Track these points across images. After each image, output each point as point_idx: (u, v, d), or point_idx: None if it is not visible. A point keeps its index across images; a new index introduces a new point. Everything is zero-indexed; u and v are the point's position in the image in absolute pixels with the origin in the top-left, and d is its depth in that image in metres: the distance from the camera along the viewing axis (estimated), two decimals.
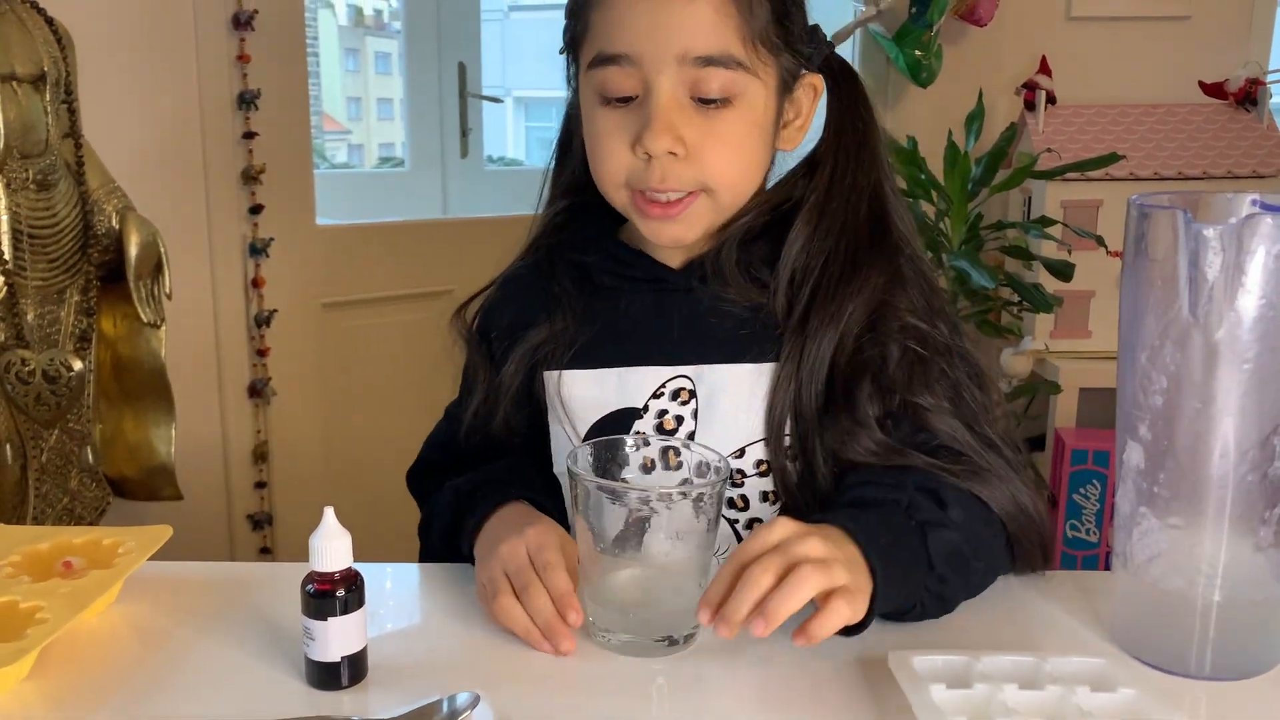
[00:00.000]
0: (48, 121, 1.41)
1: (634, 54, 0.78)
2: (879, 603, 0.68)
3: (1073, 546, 2.51)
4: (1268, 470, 0.64)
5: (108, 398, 1.57)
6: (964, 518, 0.74)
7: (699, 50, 0.77)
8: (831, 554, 0.66)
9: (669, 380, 0.85)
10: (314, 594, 0.68)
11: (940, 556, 0.72)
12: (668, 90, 0.78)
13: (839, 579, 0.65)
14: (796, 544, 0.66)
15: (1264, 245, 0.60)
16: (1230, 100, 2.78)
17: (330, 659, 0.67)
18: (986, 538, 0.76)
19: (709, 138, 0.80)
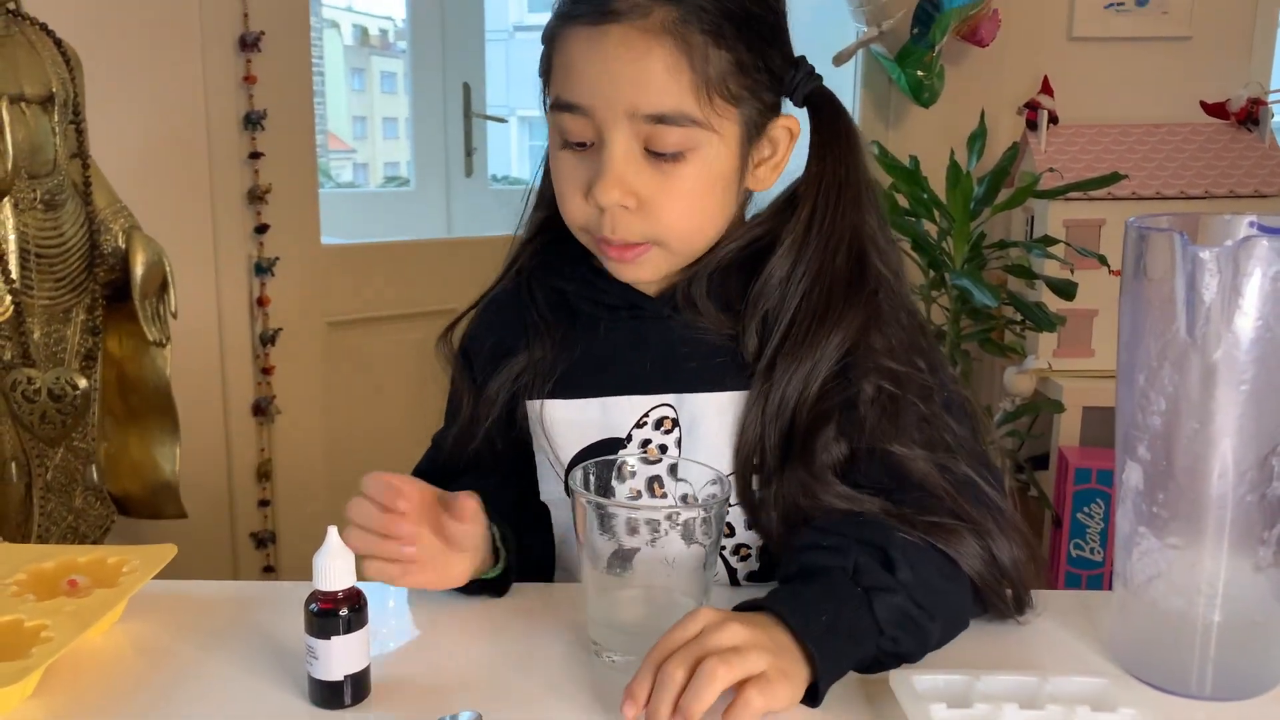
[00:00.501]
0: (55, 142, 1.42)
1: (586, 105, 0.78)
2: (824, 680, 0.65)
3: (1077, 566, 2.51)
4: (1266, 490, 0.64)
5: (113, 416, 1.58)
6: (914, 579, 0.70)
7: (649, 108, 0.76)
8: (749, 640, 0.63)
9: (652, 409, 0.85)
10: (317, 613, 0.68)
11: (889, 622, 0.68)
12: (620, 144, 0.77)
13: (754, 666, 0.62)
14: (712, 634, 0.63)
15: (1260, 267, 0.61)
16: (1232, 120, 2.79)
17: (333, 678, 0.67)
18: (945, 593, 0.72)
19: (661, 192, 0.79)
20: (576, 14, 0.78)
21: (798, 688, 0.64)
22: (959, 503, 0.75)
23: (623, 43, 0.76)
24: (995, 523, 0.76)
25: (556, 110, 0.80)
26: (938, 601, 0.71)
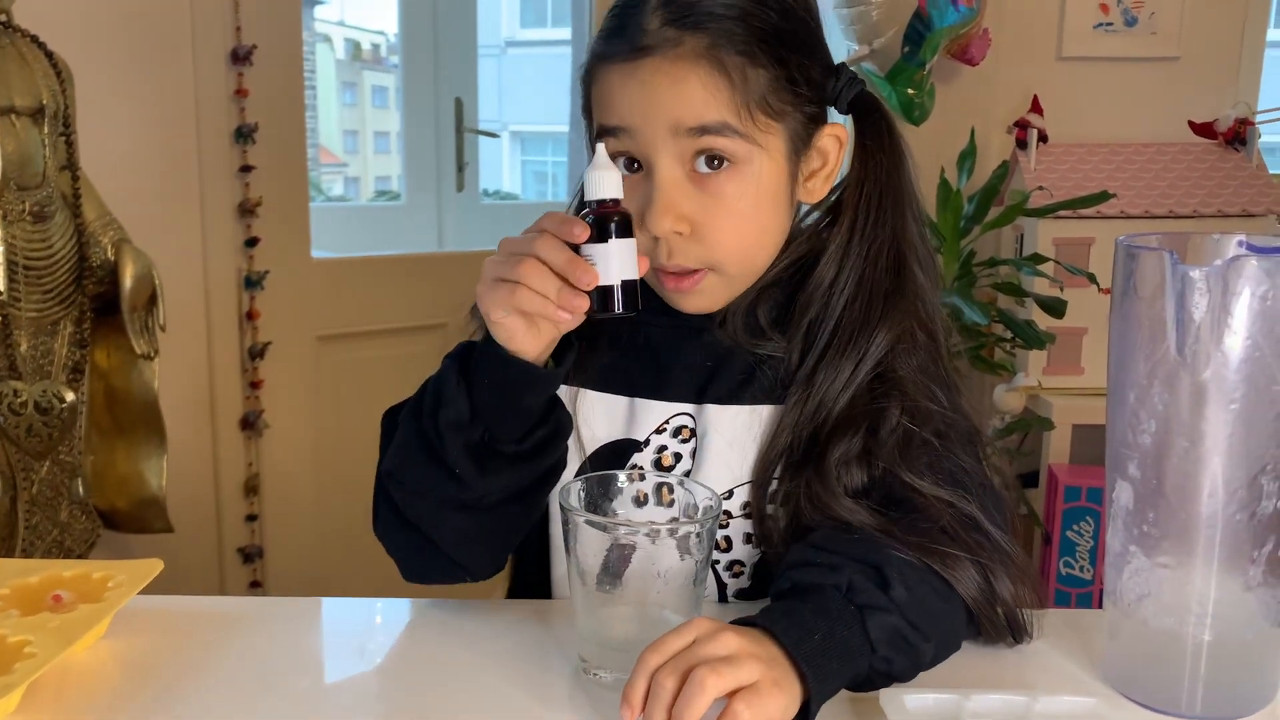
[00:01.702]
0: (45, 154, 1.42)
1: (628, 125, 0.78)
2: (816, 699, 0.65)
3: (1066, 584, 2.51)
4: (1256, 509, 0.64)
5: (100, 429, 1.57)
6: (908, 598, 0.69)
7: (691, 120, 0.77)
8: (742, 650, 0.63)
9: (672, 417, 0.85)
10: (594, 221, 0.71)
11: (882, 641, 0.67)
12: (666, 166, 0.78)
13: (746, 677, 0.62)
14: (705, 644, 0.63)
15: (1249, 286, 0.61)
16: (1220, 140, 2.81)
17: (610, 281, 0.71)
18: (939, 615, 0.72)
19: (712, 213, 0.79)
20: (610, 53, 0.79)
21: (790, 702, 0.64)
22: (960, 536, 0.75)
23: (658, 71, 0.77)
24: (998, 559, 0.75)
25: (602, 136, 0.80)
26: (932, 622, 0.70)
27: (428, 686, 0.72)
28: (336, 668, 0.78)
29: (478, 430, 0.76)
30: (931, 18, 2.63)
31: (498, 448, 0.77)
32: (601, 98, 0.81)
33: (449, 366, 0.78)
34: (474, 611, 0.82)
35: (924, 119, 2.79)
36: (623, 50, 0.78)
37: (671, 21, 0.76)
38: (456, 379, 0.76)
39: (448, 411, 0.76)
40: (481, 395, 0.76)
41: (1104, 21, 2.94)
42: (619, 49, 0.78)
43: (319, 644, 0.83)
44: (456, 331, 0.96)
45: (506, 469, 0.77)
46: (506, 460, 0.77)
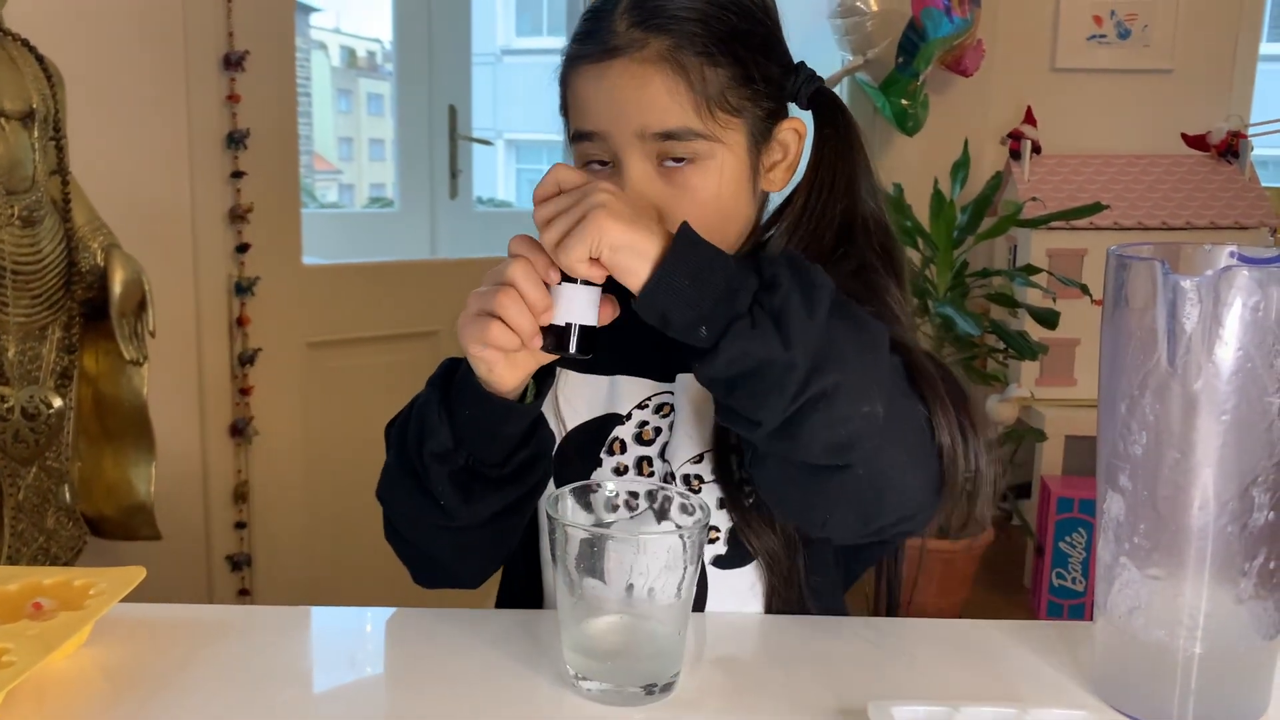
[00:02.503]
0: (35, 158, 1.41)
1: (600, 130, 0.83)
2: (673, 269, 0.68)
3: (1059, 595, 2.50)
4: (1247, 521, 0.64)
5: (88, 436, 1.56)
6: (834, 291, 0.69)
7: (656, 127, 0.81)
8: (609, 206, 0.69)
9: (654, 395, 0.88)
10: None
11: (780, 265, 0.69)
12: (635, 164, 0.82)
13: (591, 202, 0.69)
14: (588, 200, 0.69)
15: (1240, 297, 0.60)
16: (1212, 152, 2.82)
17: (569, 320, 0.73)
18: (868, 322, 0.71)
19: (678, 202, 0.82)
20: (582, 55, 0.84)
21: (640, 240, 0.69)
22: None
23: (625, 73, 0.81)
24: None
25: (577, 140, 0.85)
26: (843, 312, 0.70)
27: (416, 696, 0.72)
28: (324, 677, 0.77)
29: (461, 457, 0.79)
30: (926, 29, 2.64)
31: (481, 471, 0.80)
32: (575, 101, 0.85)
33: (430, 397, 0.81)
34: (462, 621, 0.82)
35: (918, 129, 2.79)
36: (593, 52, 0.82)
37: (637, 24, 0.81)
38: (438, 410, 0.79)
39: (431, 443, 0.79)
40: (462, 425, 0.78)
41: (1098, 33, 2.96)
42: (590, 50, 0.83)
43: (306, 653, 0.83)
44: (449, 339, 0.96)
45: (491, 493, 0.81)
46: (491, 484, 0.80)
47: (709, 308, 0.68)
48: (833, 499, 0.72)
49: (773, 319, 0.66)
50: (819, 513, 0.73)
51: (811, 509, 0.74)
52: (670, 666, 0.70)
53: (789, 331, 0.66)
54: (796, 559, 0.84)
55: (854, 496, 0.71)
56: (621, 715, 0.69)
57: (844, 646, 0.79)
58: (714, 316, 0.68)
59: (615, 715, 0.69)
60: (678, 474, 0.85)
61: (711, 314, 0.68)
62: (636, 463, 0.86)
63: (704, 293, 0.68)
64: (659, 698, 0.70)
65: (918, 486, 0.72)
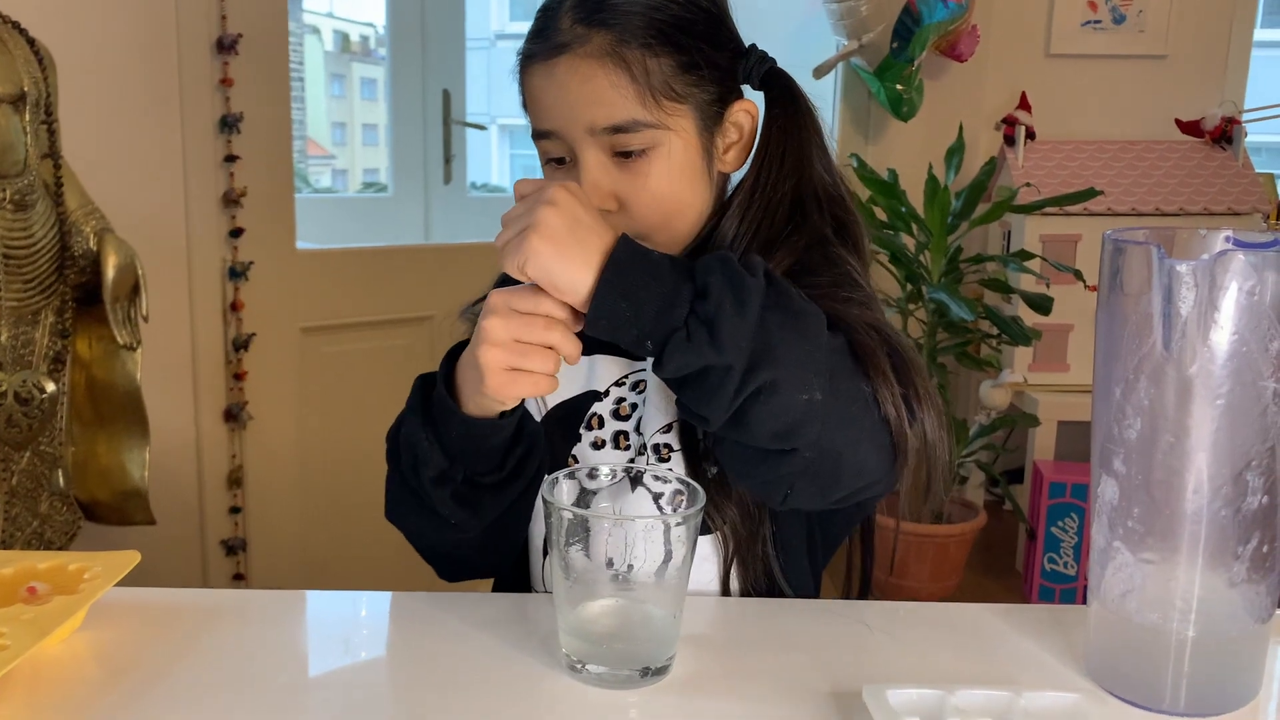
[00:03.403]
0: (26, 142, 1.40)
1: (553, 129, 0.86)
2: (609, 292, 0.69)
3: (1051, 579, 2.51)
4: (1241, 506, 0.64)
5: (81, 420, 1.56)
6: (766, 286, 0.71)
7: (605, 121, 0.84)
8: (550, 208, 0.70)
9: (630, 374, 0.91)
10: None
11: (712, 271, 0.70)
12: (590, 156, 0.85)
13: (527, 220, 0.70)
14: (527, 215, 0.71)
15: (1236, 281, 0.61)
16: (1206, 138, 2.82)
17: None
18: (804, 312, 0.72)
19: (634, 189, 0.85)
20: (532, 53, 0.87)
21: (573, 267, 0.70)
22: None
23: (570, 70, 0.84)
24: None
25: (535, 139, 0.89)
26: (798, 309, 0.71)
27: (412, 680, 0.72)
28: (319, 661, 0.77)
29: (458, 473, 0.81)
30: (921, 13, 2.63)
31: (480, 481, 0.82)
32: (530, 100, 0.88)
33: (414, 423, 0.82)
34: (458, 605, 0.82)
35: (912, 115, 2.79)
36: (541, 50, 0.85)
37: (581, 20, 0.84)
38: (425, 435, 0.80)
39: (427, 469, 0.81)
40: (452, 444, 0.80)
41: (1092, 19, 2.95)
42: (538, 48, 0.86)
43: (302, 637, 0.82)
44: (443, 324, 0.96)
45: (494, 497, 0.83)
46: (491, 490, 0.83)
47: (649, 325, 0.70)
48: (788, 476, 0.74)
49: (706, 327, 0.69)
50: (778, 488, 0.76)
51: (770, 485, 0.76)
52: (665, 650, 0.71)
53: (721, 337, 0.68)
54: (758, 531, 0.86)
55: (809, 474, 0.73)
56: (617, 698, 0.69)
57: (838, 630, 0.79)
58: (654, 332, 0.70)
59: (611, 698, 0.69)
60: (649, 443, 0.87)
61: (652, 330, 0.70)
62: (614, 437, 0.89)
63: (641, 311, 0.70)
64: (654, 680, 0.70)
65: (871, 460, 0.74)
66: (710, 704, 0.69)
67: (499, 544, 0.91)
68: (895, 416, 0.74)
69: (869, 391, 0.73)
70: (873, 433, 0.74)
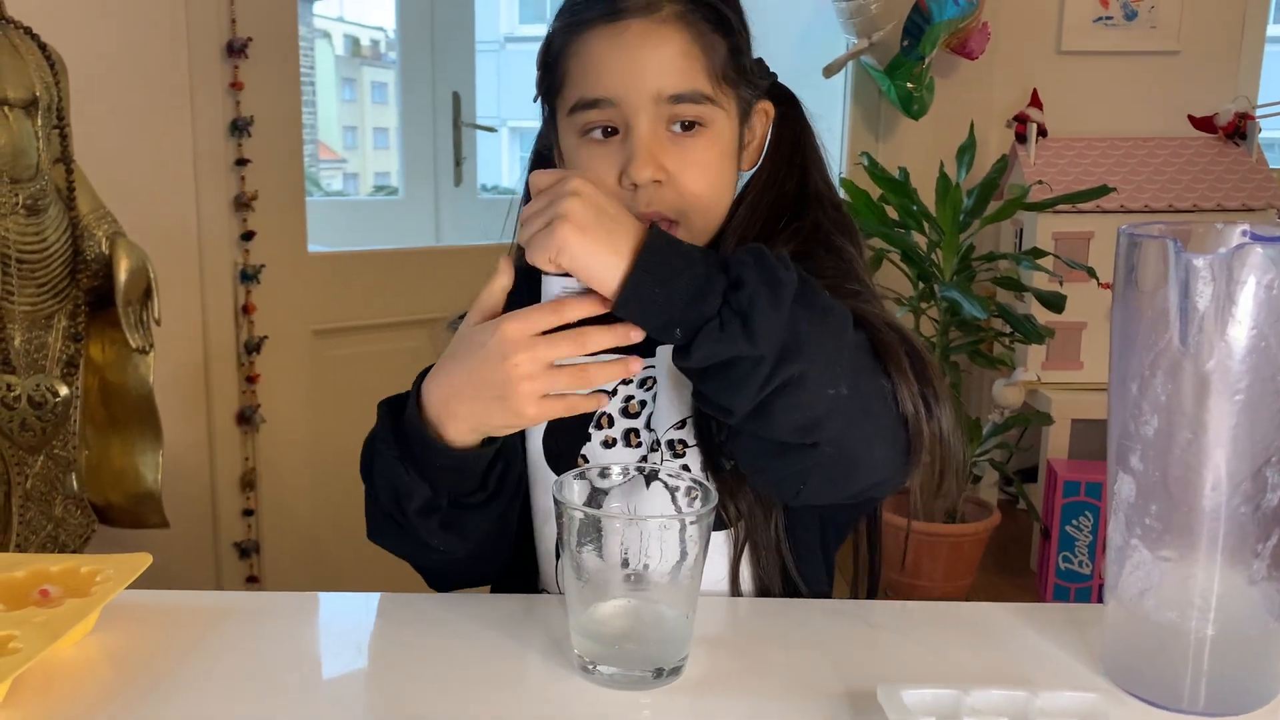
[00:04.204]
0: (39, 146, 1.41)
1: (614, 96, 0.83)
2: (640, 259, 0.69)
3: (1065, 579, 2.50)
4: (1260, 502, 0.63)
5: (94, 424, 1.56)
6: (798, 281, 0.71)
7: (670, 89, 0.83)
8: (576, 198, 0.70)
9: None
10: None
11: (746, 264, 0.70)
12: (646, 126, 0.83)
13: (555, 211, 0.69)
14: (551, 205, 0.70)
15: (1254, 275, 0.60)
16: (1219, 134, 2.81)
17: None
18: (832, 307, 0.73)
19: (685, 165, 0.84)
20: (590, 18, 0.84)
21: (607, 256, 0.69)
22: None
23: (643, 34, 0.83)
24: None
25: (580, 110, 0.85)
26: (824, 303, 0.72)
27: (424, 681, 0.71)
28: (332, 663, 0.77)
29: (442, 499, 0.80)
30: (931, 11, 2.62)
31: (465, 502, 0.81)
32: (582, 69, 0.85)
33: (390, 458, 0.79)
34: (469, 606, 0.82)
35: (923, 113, 2.78)
36: (603, 14, 0.83)
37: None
38: (405, 469, 0.78)
39: (412, 503, 0.79)
40: (435, 474, 0.78)
41: (1104, 15, 2.94)
42: (600, 12, 0.84)
43: (314, 639, 0.82)
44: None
45: (479, 517, 0.82)
46: (476, 509, 0.82)
47: (679, 312, 0.69)
48: (805, 471, 0.74)
49: (740, 318, 0.68)
50: (793, 483, 0.76)
51: (785, 480, 0.76)
52: (678, 650, 0.70)
53: (755, 328, 0.68)
54: (772, 525, 0.86)
55: (825, 468, 0.74)
56: (630, 699, 0.68)
57: (852, 630, 0.79)
58: (685, 320, 0.70)
59: (624, 700, 0.68)
60: (662, 440, 0.87)
61: (683, 317, 0.70)
62: (624, 435, 0.89)
63: (674, 298, 0.69)
64: (667, 681, 0.70)
65: (886, 456, 0.75)
66: (723, 705, 0.68)
67: (488, 556, 0.90)
68: (913, 413, 0.74)
69: (889, 388, 0.74)
70: (890, 429, 0.74)
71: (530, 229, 0.71)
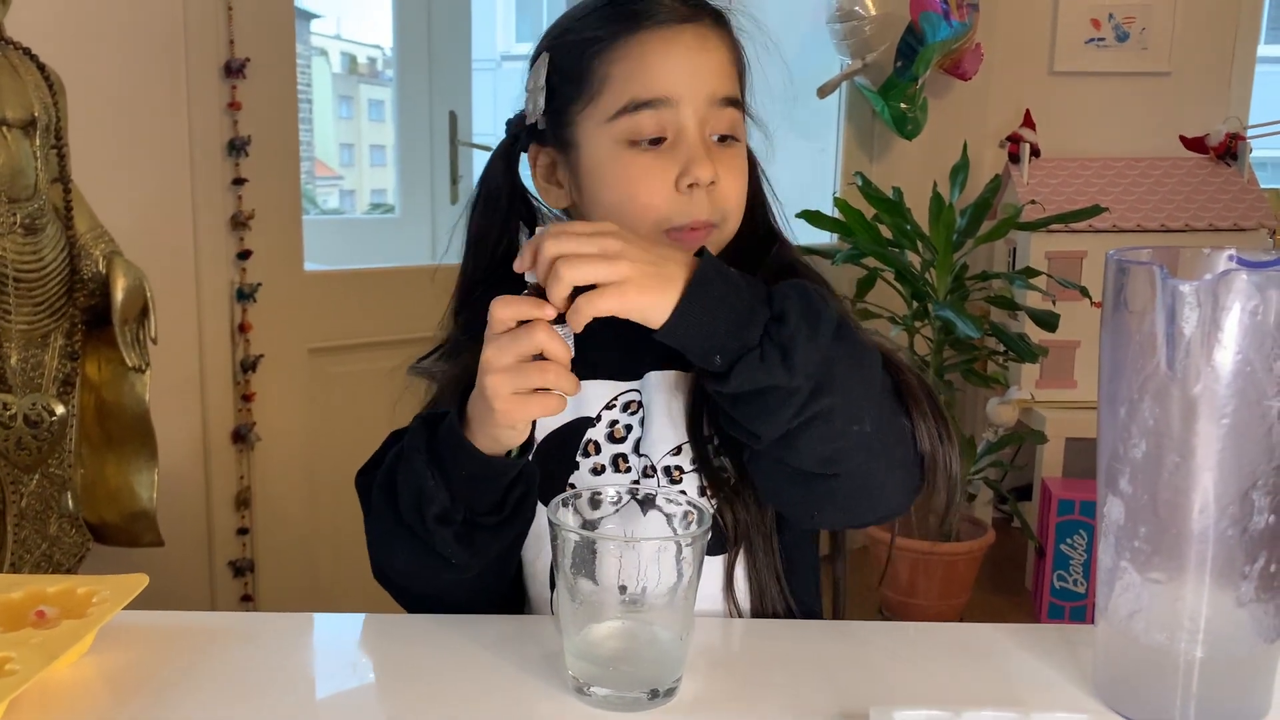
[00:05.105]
0: (37, 166, 1.41)
1: (673, 96, 0.84)
2: (689, 293, 0.71)
3: (1060, 597, 2.50)
4: (1247, 525, 0.64)
5: (90, 442, 1.56)
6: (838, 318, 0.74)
7: (722, 92, 0.86)
8: (623, 253, 0.71)
9: (621, 395, 0.90)
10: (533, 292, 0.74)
11: (790, 298, 0.72)
12: (700, 129, 0.85)
13: (611, 275, 0.70)
14: (590, 239, 0.71)
15: (1239, 301, 0.61)
16: (1211, 154, 2.82)
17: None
18: (865, 347, 0.76)
19: (727, 171, 0.86)
20: (645, 20, 0.85)
21: (658, 301, 0.71)
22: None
23: (699, 38, 0.85)
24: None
25: (629, 113, 0.84)
26: (857, 346, 0.75)
27: (419, 702, 0.72)
28: (327, 683, 0.77)
29: (459, 512, 0.80)
30: (924, 32, 2.65)
31: (479, 522, 0.81)
32: (631, 71, 0.85)
33: (421, 462, 0.80)
34: (464, 627, 0.82)
35: (917, 133, 2.80)
36: (659, 18, 0.85)
37: (687, 1, 0.87)
38: (431, 474, 0.79)
39: (433, 508, 0.79)
40: (459, 484, 0.79)
41: (1096, 37, 2.96)
42: (654, 16, 0.85)
43: (309, 659, 0.83)
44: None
45: (492, 538, 0.82)
46: (490, 531, 0.82)
47: (722, 339, 0.72)
48: (822, 499, 0.78)
49: (780, 350, 0.71)
50: (808, 508, 0.80)
51: (801, 505, 0.80)
52: (673, 671, 0.71)
53: (794, 361, 0.71)
54: (771, 543, 0.87)
55: (841, 498, 0.78)
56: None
57: (845, 650, 0.79)
58: (727, 347, 0.72)
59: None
60: (658, 466, 0.87)
61: (724, 345, 0.72)
62: (612, 460, 0.89)
63: (717, 327, 0.72)
64: (661, 702, 0.70)
65: (899, 490, 0.80)
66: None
67: (490, 588, 0.89)
68: (929, 451, 0.79)
69: (908, 427, 0.78)
70: (906, 465, 0.79)
71: (582, 274, 0.71)
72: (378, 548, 0.87)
